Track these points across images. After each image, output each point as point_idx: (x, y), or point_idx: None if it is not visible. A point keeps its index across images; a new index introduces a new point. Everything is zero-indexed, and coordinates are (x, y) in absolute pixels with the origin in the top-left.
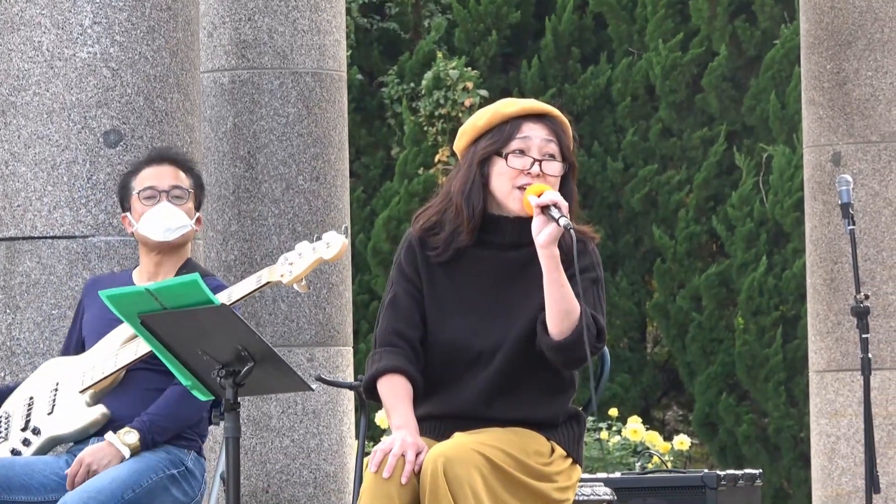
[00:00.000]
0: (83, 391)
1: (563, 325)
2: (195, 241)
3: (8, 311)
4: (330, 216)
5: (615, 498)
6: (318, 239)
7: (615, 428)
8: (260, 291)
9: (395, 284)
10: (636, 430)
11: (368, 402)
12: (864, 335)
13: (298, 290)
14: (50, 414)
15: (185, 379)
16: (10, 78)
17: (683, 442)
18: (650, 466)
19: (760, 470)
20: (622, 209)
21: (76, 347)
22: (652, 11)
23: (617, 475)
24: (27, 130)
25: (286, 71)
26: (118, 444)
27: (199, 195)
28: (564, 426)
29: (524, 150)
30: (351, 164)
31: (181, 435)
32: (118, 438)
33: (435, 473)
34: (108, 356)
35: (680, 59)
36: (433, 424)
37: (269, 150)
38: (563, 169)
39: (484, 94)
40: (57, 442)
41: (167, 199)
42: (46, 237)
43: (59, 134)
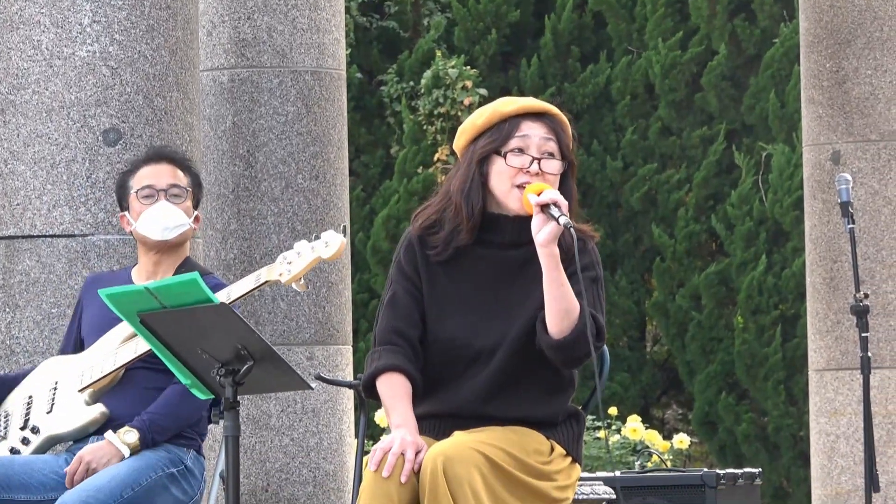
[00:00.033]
0: (82, 390)
1: (562, 323)
2: (194, 239)
3: (7, 309)
4: (329, 215)
5: (615, 497)
6: (316, 238)
7: (615, 427)
8: (259, 290)
9: (394, 283)
10: (636, 428)
11: (368, 400)
12: (863, 334)
13: (297, 289)
14: (49, 413)
15: (184, 378)
16: (9, 76)
17: (683, 441)
18: (650, 465)
19: (760, 469)
20: (621, 208)
21: (75, 346)
22: (651, 10)
23: (616, 474)
24: (26, 129)
25: (285, 69)
26: (118, 443)
27: (197, 193)
28: (564, 425)
29: (523, 148)
30: (350, 162)
31: (181, 434)
32: (118, 437)
33: (434, 472)
34: (107, 355)
35: (679, 57)
36: (433, 423)
37: (268, 148)
38: (562, 167)
39: (483, 92)
40: (56, 441)
41: (165, 197)
42: (46, 236)
43: (58, 132)
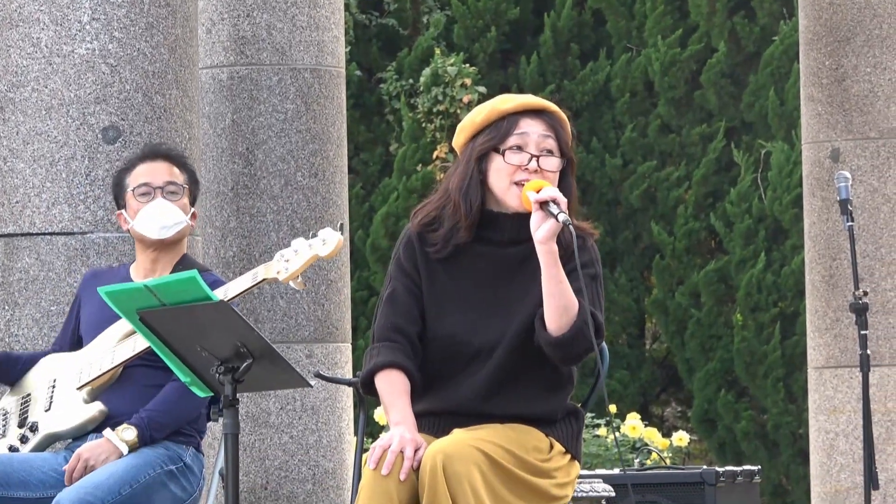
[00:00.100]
0: (81, 388)
1: (561, 321)
2: (193, 237)
3: (6, 307)
4: (328, 213)
5: (615, 494)
6: (314, 236)
7: (614, 424)
8: (258, 288)
9: (393, 280)
10: (635, 426)
11: (367, 398)
12: (862, 332)
13: (295, 287)
14: (48, 411)
15: (183, 375)
16: (8, 74)
17: (682, 438)
18: (649, 463)
19: (759, 466)
20: (621, 206)
21: (71, 340)
22: (651, 8)
23: (616, 471)
24: (26, 127)
25: (285, 67)
26: (116, 440)
27: (193, 190)
28: (563, 422)
29: (522, 145)
30: (349, 160)
31: (180, 431)
32: (116, 435)
33: (434, 470)
34: (105, 352)
35: (679, 55)
36: (432, 421)
37: (267, 146)
38: (561, 164)
39: (482, 90)
40: (55, 439)
41: (162, 195)
42: (45, 234)
43: (57, 130)
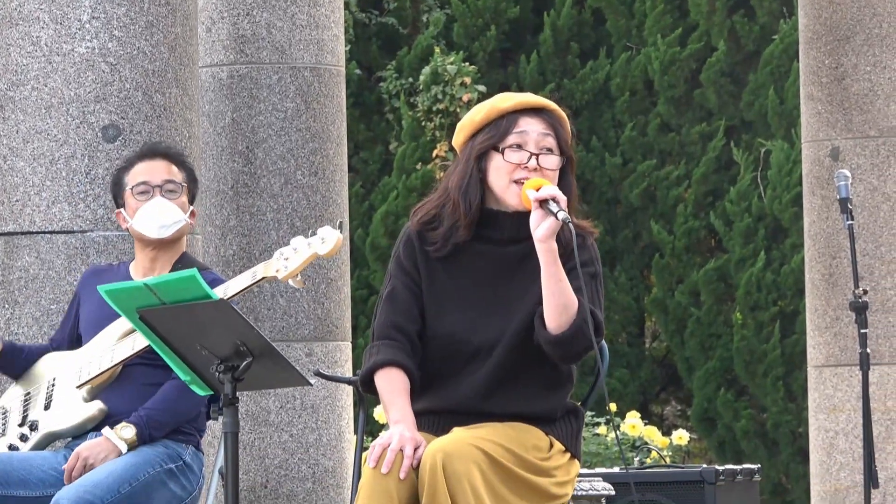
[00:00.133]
0: (80, 386)
1: (560, 319)
2: (193, 235)
3: (6, 305)
4: (328, 211)
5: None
6: (313, 234)
7: (614, 423)
8: (258, 286)
9: (393, 278)
10: (634, 424)
11: (367, 396)
12: (862, 330)
13: (294, 285)
14: (47, 409)
15: (183, 374)
16: (8, 73)
17: (682, 437)
18: (648, 461)
19: (759, 465)
20: (620, 204)
21: (70, 337)
22: (651, 6)
23: (615, 470)
24: (25, 125)
25: (284, 66)
26: (115, 438)
27: (192, 188)
28: (563, 421)
29: (521, 144)
30: (349, 158)
31: (179, 429)
32: (115, 433)
33: (433, 469)
34: (104, 351)
35: (678, 54)
36: (432, 419)
37: (267, 144)
38: (560, 163)
39: (482, 89)
40: (54, 437)
41: (160, 193)
42: (45, 232)
43: (57, 129)
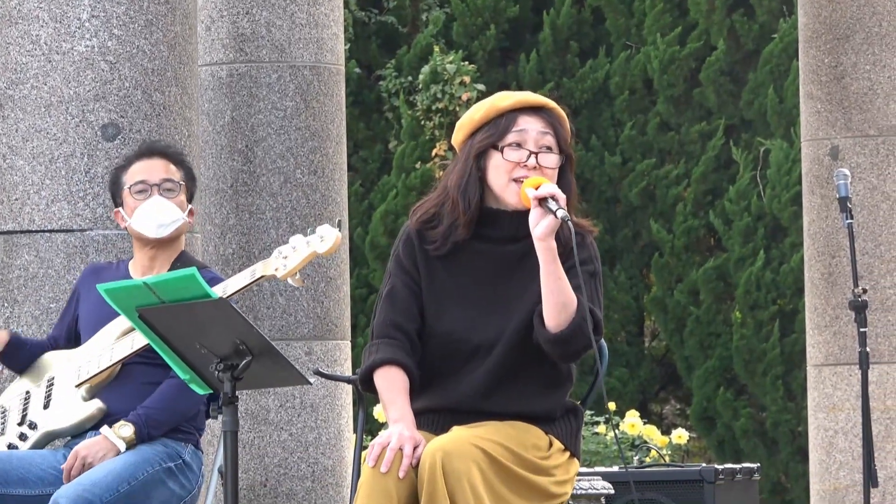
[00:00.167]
0: (79, 385)
1: (559, 317)
2: (193, 234)
3: (6, 304)
4: (328, 210)
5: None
6: (311, 232)
7: (613, 422)
8: (257, 285)
9: (392, 276)
10: (634, 423)
11: (366, 395)
12: (861, 329)
13: (293, 284)
14: (46, 408)
15: (183, 373)
16: (7, 71)
17: (681, 436)
18: (648, 460)
19: (758, 464)
20: (620, 203)
21: (68, 335)
22: (650, 5)
23: (615, 469)
24: (25, 124)
25: (284, 64)
26: (113, 437)
27: (190, 187)
28: (562, 420)
29: (520, 142)
30: (349, 157)
31: (178, 428)
32: (113, 432)
33: (433, 468)
34: (103, 350)
35: (678, 53)
36: (431, 418)
37: (266, 143)
38: (559, 161)
39: (481, 88)
40: (53, 437)
41: (158, 192)
42: (44, 231)
43: (56, 127)
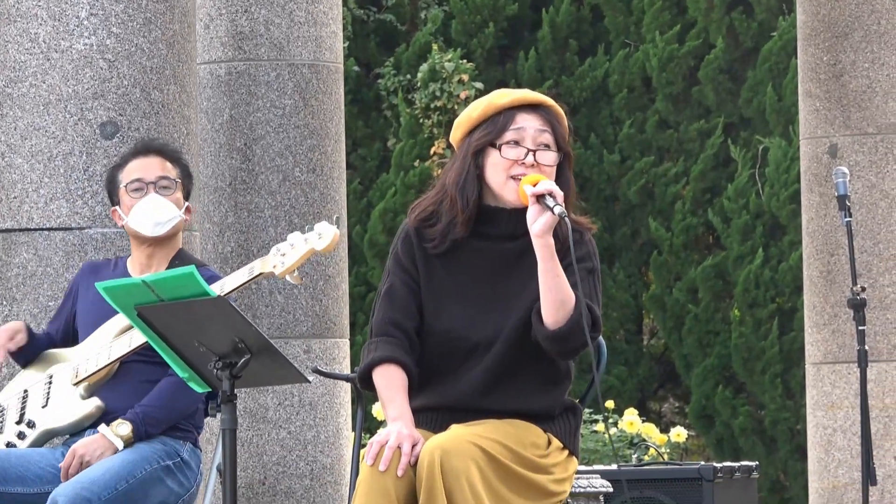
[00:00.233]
0: (77, 383)
1: (557, 314)
2: (191, 232)
3: (4, 302)
4: (326, 208)
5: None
6: (310, 230)
7: (612, 420)
8: (255, 283)
9: (391, 274)
10: (632, 422)
11: (365, 393)
12: (860, 327)
13: (292, 281)
14: (44, 407)
15: (181, 371)
16: (6, 70)
17: (680, 434)
18: (647, 458)
19: (757, 462)
20: (619, 201)
21: (65, 331)
22: (649, 3)
23: (613, 467)
24: (23, 122)
25: (283, 62)
26: (111, 435)
27: (187, 184)
28: (561, 418)
29: (518, 140)
30: (347, 155)
31: (177, 426)
32: (111, 430)
33: (431, 466)
34: (101, 348)
35: (677, 51)
36: (430, 416)
37: (265, 141)
38: (557, 159)
39: (479, 86)
40: (52, 435)
41: (154, 190)
42: (43, 229)
43: (55, 126)
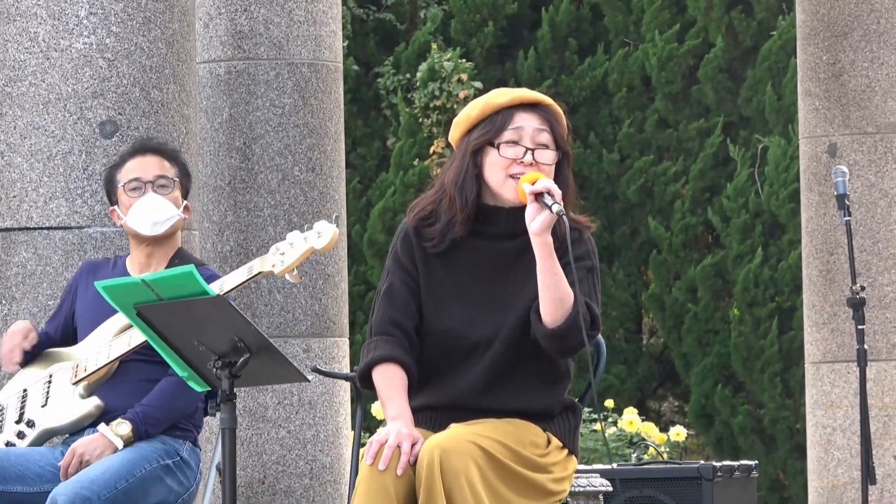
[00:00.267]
0: (76, 383)
1: (556, 312)
2: (191, 231)
3: (4, 301)
4: (326, 207)
5: (612, 489)
6: (309, 228)
7: (611, 419)
8: (254, 282)
9: (390, 274)
10: (632, 421)
11: (365, 392)
12: (859, 326)
13: (291, 280)
14: (44, 406)
15: (181, 370)
16: (5, 69)
17: (679, 433)
18: (646, 458)
19: (756, 461)
20: (618, 200)
21: (64, 329)
22: (648, 2)
23: (613, 466)
24: (23, 121)
25: (282, 62)
26: (110, 435)
27: (185, 183)
28: (560, 417)
29: (517, 139)
30: (347, 154)
31: (176, 425)
32: (111, 430)
33: (431, 465)
34: (101, 347)
35: (676, 50)
36: (429, 415)
37: (265, 140)
38: (556, 157)
39: (479, 85)
40: (51, 434)
41: (153, 189)
42: (42, 228)
43: (55, 125)
